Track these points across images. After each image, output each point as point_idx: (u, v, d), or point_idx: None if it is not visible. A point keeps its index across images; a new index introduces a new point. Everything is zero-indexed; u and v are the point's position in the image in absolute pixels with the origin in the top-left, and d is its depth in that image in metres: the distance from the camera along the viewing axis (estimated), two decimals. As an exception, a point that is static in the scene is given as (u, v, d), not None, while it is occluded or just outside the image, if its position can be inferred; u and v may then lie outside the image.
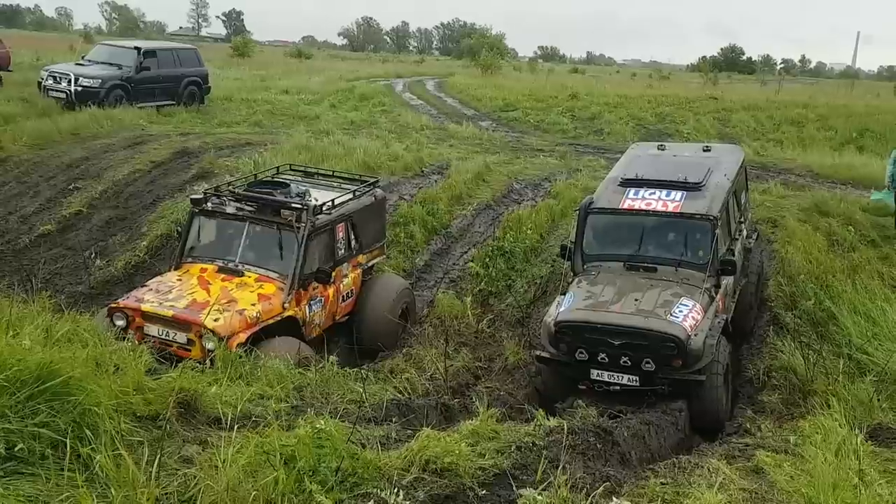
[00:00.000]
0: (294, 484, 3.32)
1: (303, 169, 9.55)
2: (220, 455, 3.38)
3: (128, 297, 7.12)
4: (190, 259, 7.66)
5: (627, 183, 7.91)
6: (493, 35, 58.66)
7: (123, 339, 5.75)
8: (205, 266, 7.47)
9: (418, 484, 3.64)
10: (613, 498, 3.85)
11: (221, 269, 7.38)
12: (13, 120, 16.38)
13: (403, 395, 6.24)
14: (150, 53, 19.41)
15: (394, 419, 4.93)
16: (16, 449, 3.10)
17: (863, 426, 5.19)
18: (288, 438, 3.62)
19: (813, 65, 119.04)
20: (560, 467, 3.89)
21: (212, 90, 21.65)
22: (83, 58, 20.28)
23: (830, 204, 11.56)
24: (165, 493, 3.23)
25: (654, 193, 7.67)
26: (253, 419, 4.28)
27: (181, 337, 6.67)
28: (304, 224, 7.33)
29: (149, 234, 10.76)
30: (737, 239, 8.27)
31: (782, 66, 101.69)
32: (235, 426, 3.80)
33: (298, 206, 7.47)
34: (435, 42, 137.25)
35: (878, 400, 6.18)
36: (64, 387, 3.41)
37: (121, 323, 6.79)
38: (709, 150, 8.92)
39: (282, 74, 33.66)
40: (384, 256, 9.25)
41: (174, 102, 19.59)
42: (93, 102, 17.37)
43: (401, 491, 3.45)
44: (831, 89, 45.39)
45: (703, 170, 7.94)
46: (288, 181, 8.40)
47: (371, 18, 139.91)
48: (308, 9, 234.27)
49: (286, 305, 7.18)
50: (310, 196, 7.85)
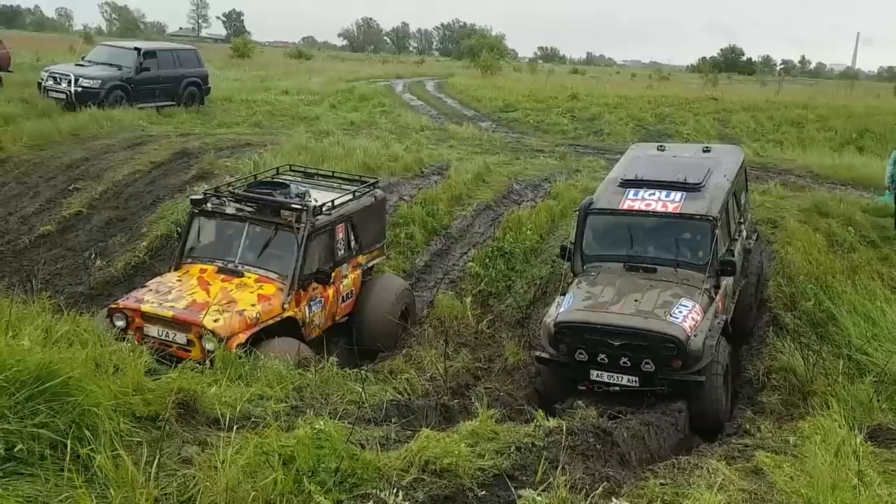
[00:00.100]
0: (293, 484, 3.32)
1: (302, 169, 9.56)
2: (219, 456, 3.38)
3: (127, 298, 7.12)
4: (190, 260, 7.66)
5: (627, 184, 7.91)
6: (493, 36, 58.64)
7: (123, 339, 5.76)
8: (204, 267, 7.47)
9: (418, 484, 3.64)
10: (613, 499, 3.86)
11: (221, 270, 7.38)
12: (13, 120, 16.39)
13: (403, 396, 6.24)
14: (150, 54, 19.41)
15: (393, 420, 4.93)
16: (15, 449, 3.09)
17: (862, 427, 5.18)
18: (287, 439, 3.62)
19: (813, 65, 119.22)
20: (559, 468, 3.89)
21: (212, 91, 21.65)
22: (83, 58, 20.29)
23: (830, 205, 11.57)
24: (164, 494, 3.23)
25: (654, 194, 7.67)
26: (252, 420, 4.28)
27: (181, 337, 6.67)
28: (303, 225, 7.33)
29: (149, 235, 10.76)
30: (736, 240, 8.27)
31: (782, 66, 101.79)
32: (235, 427, 3.80)
33: (298, 206, 7.48)
34: (435, 43, 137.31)
35: (878, 401, 6.19)
36: (63, 387, 3.41)
37: (120, 323, 6.79)
38: (708, 151, 8.92)
39: (282, 75, 33.67)
40: (384, 257, 9.25)
41: (174, 103, 19.59)
42: (93, 103, 17.37)
43: (400, 491, 3.45)
44: (831, 90, 45.44)
45: (702, 170, 7.95)
46: (288, 182, 8.39)
47: (371, 19, 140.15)
48: (308, 9, 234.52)
49: (286, 306, 7.18)
50: (309, 197, 7.85)
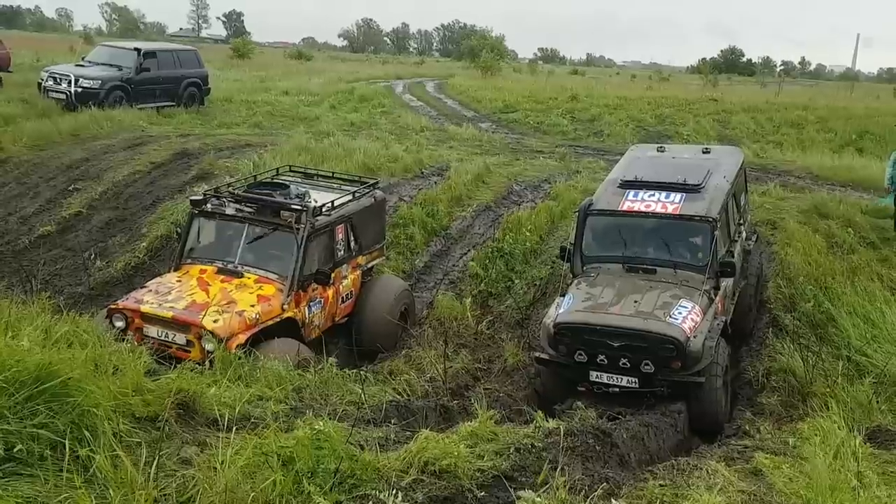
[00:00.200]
0: (292, 485, 3.32)
1: (302, 170, 9.56)
2: (218, 456, 3.38)
3: (127, 299, 7.12)
4: (189, 260, 7.66)
5: (627, 185, 7.91)
6: (493, 37, 58.67)
7: (123, 340, 5.75)
8: (204, 267, 7.47)
9: (417, 485, 3.64)
10: (612, 500, 3.86)
11: (221, 271, 7.38)
12: (13, 121, 16.39)
13: (402, 397, 6.24)
14: (150, 55, 19.42)
15: (393, 421, 4.93)
16: (15, 450, 3.09)
17: (861, 428, 5.20)
18: (286, 440, 3.62)
19: (813, 67, 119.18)
20: (559, 469, 3.89)
21: (212, 91, 21.65)
22: (83, 59, 20.30)
23: (830, 206, 11.57)
24: (164, 495, 3.23)
25: (654, 195, 7.68)
26: (252, 420, 4.28)
27: (180, 338, 6.67)
28: (303, 225, 7.33)
29: (148, 236, 10.76)
30: (736, 241, 8.27)
31: (782, 67, 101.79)
32: (234, 427, 3.79)
33: (298, 207, 7.48)
34: (435, 43, 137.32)
35: (877, 402, 6.20)
36: (63, 388, 3.41)
37: (120, 324, 6.78)
38: (708, 152, 8.93)
39: (282, 76, 33.69)
40: (384, 258, 9.25)
41: (174, 104, 19.59)
42: (93, 103, 17.37)
43: (399, 492, 3.45)
44: (831, 91, 45.49)
45: (702, 172, 7.95)
46: (287, 182, 8.39)
47: (371, 20, 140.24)
48: (308, 10, 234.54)
49: (285, 307, 7.18)
50: (309, 197, 7.85)
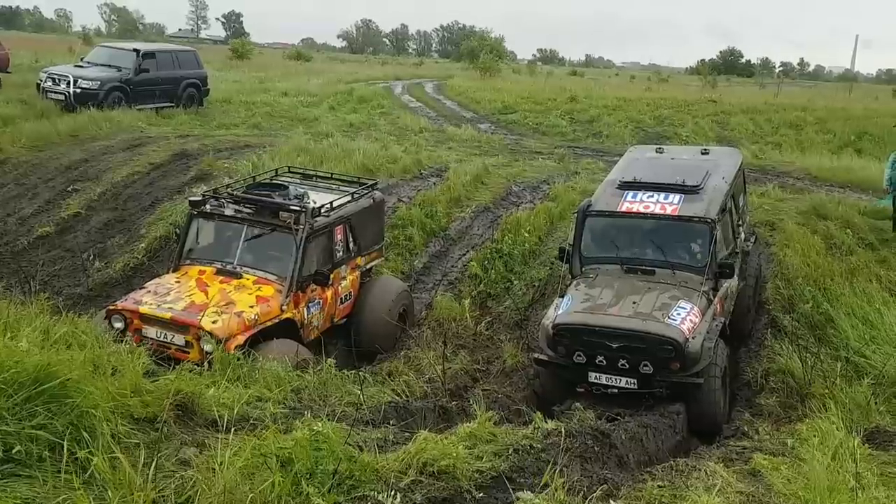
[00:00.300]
0: (291, 486, 3.32)
1: (301, 171, 9.57)
2: (217, 457, 3.38)
3: (126, 299, 7.11)
4: (188, 261, 7.66)
5: (626, 186, 7.92)
6: (492, 38, 58.70)
7: (121, 341, 5.74)
8: (203, 268, 7.46)
9: (415, 486, 3.64)
10: (611, 501, 3.86)
11: (220, 272, 7.38)
12: (12, 122, 16.36)
13: (401, 398, 6.24)
14: (149, 55, 19.39)
15: (391, 422, 4.93)
16: (13, 451, 3.09)
17: (860, 429, 5.21)
18: (285, 441, 3.62)
19: (811, 68, 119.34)
20: (557, 470, 3.89)
21: (211, 92, 21.61)
22: (82, 59, 20.28)
23: (828, 207, 11.58)
24: (162, 496, 3.22)
25: (652, 196, 7.68)
26: (250, 421, 4.28)
27: (179, 339, 6.66)
28: (302, 226, 7.33)
29: (147, 236, 10.75)
30: (735, 241, 8.28)
31: (781, 69, 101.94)
32: (233, 428, 3.80)
33: (297, 208, 7.48)
34: (434, 44, 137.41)
35: (876, 403, 6.19)
36: (61, 389, 3.41)
37: (119, 325, 6.78)
38: (707, 153, 8.94)
39: (281, 77, 33.68)
40: (382, 259, 9.25)
41: (173, 104, 19.57)
42: (92, 104, 17.35)
43: (398, 493, 3.45)
44: (830, 92, 45.52)
45: (701, 173, 7.96)
46: (286, 183, 8.39)
47: (370, 21, 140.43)
48: (307, 11, 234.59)
49: (284, 307, 7.18)
50: (308, 198, 7.85)
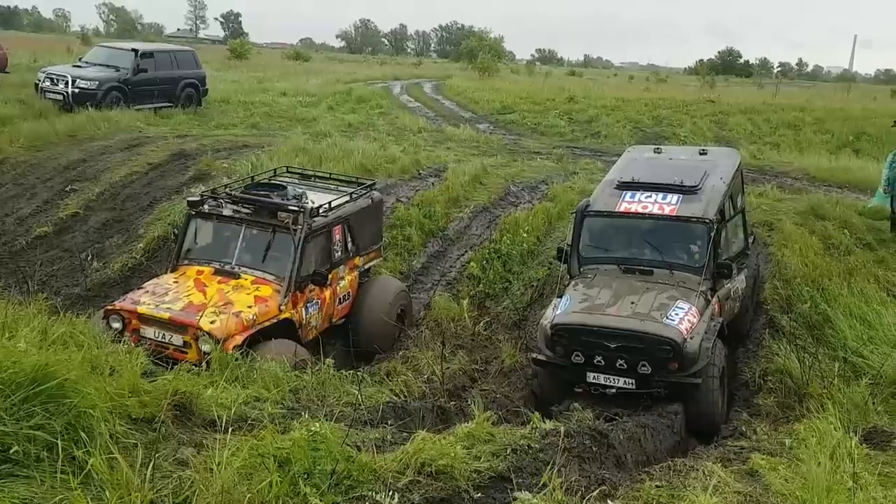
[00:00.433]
0: (289, 487, 3.32)
1: (300, 171, 9.57)
2: (214, 458, 3.37)
3: (124, 300, 7.11)
4: (186, 261, 7.66)
5: (624, 186, 7.92)
6: (491, 38, 58.75)
7: (119, 341, 5.74)
8: (201, 268, 7.46)
9: (413, 487, 3.64)
10: (608, 501, 3.87)
11: (218, 272, 7.38)
12: (10, 122, 16.34)
13: (399, 398, 6.24)
14: (148, 55, 19.37)
15: (389, 422, 4.93)
16: (10, 451, 3.09)
17: (858, 429, 5.21)
18: (283, 441, 3.62)
19: (810, 68, 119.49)
20: (555, 470, 3.89)
21: (209, 92, 21.58)
22: (80, 59, 20.26)
23: (826, 207, 11.58)
24: (160, 496, 3.22)
25: (651, 196, 7.69)
26: (248, 422, 4.28)
27: (177, 339, 6.66)
28: (300, 226, 7.33)
29: (145, 237, 10.74)
30: (733, 242, 8.28)
31: (779, 69, 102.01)
32: (231, 429, 3.80)
33: (295, 208, 7.48)
34: (433, 44, 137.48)
35: (873, 403, 6.19)
36: (59, 389, 3.41)
37: (117, 325, 6.77)
38: (705, 154, 8.93)
39: (279, 77, 33.66)
40: (381, 259, 9.25)
41: (171, 104, 19.54)
42: (90, 104, 17.33)
43: (396, 494, 3.45)
44: (828, 93, 45.56)
45: (699, 173, 7.96)
46: (285, 183, 8.39)
47: (369, 21, 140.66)
48: (306, 11, 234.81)
49: (282, 308, 7.18)
50: (306, 198, 7.85)
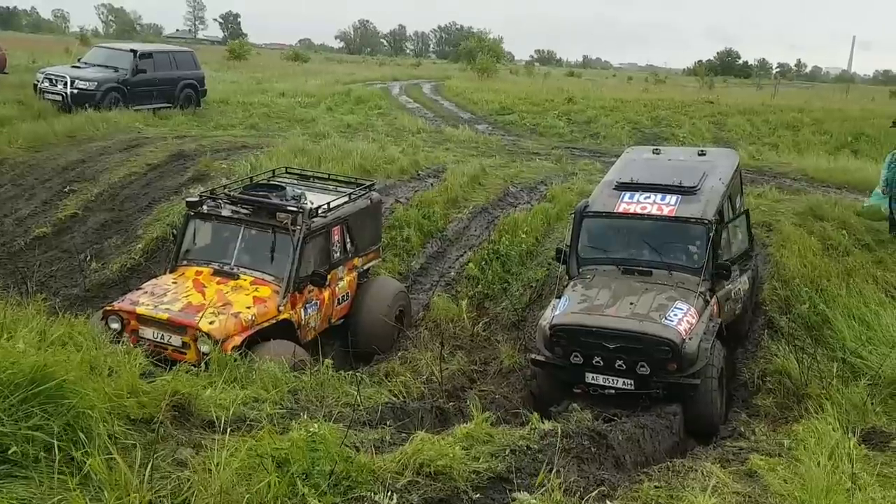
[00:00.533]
0: (287, 487, 3.32)
1: (299, 172, 9.56)
2: (213, 458, 3.37)
3: (123, 300, 7.11)
4: (185, 262, 7.65)
5: (623, 187, 7.93)
6: (490, 39, 58.78)
7: (118, 342, 5.73)
8: (200, 269, 7.46)
9: (412, 487, 3.64)
10: (607, 501, 3.87)
11: (217, 272, 7.38)
12: (9, 122, 16.33)
13: (398, 399, 6.24)
14: (147, 56, 19.36)
15: (388, 422, 4.93)
16: (9, 452, 3.09)
17: (856, 430, 5.21)
18: (281, 442, 3.62)
19: (809, 69, 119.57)
20: (554, 471, 3.90)
21: (208, 93, 21.59)
22: (79, 60, 20.24)
23: (825, 208, 11.59)
24: (158, 497, 3.22)
25: (650, 197, 7.69)
26: (247, 422, 4.28)
27: (176, 340, 6.66)
28: (299, 227, 7.33)
29: (144, 237, 10.74)
30: (735, 243, 8.27)
31: (778, 70, 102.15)
32: (229, 429, 3.80)
33: (294, 209, 7.48)
34: (432, 45, 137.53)
35: (872, 404, 6.20)
36: (58, 390, 3.40)
37: (116, 326, 6.77)
38: (704, 154, 8.95)
39: (278, 77, 33.66)
40: (380, 259, 9.25)
41: (170, 105, 19.55)
42: (89, 105, 17.33)
43: (394, 494, 3.45)
44: (827, 93, 45.52)
45: (698, 174, 7.97)
46: (284, 184, 8.39)
47: (368, 21, 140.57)
48: (305, 12, 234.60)
49: (281, 308, 7.17)
50: (305, 199, 7.85)
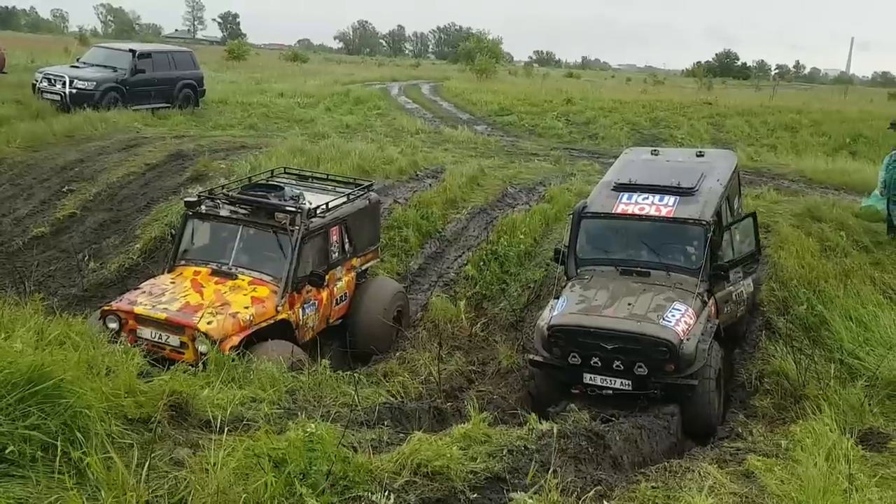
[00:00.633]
0: (284, 487, 3.32)
1: (297, 172, 9.56)
2: (210, 458, 3.38)
3: (121, 300, 7.10)
4: (183, 262, 7.65)
5: (621, 188, 7.94)
6: (489, 39, 58.79)
7: (116, 341, 5.73)
8: (198, 269, 7.45)
9: (409, 487, 3.64)
10: (604, 502, 3.87)
11: (215, 272, 7.37)
12: (7, 122, 16.30)
13: (396, 399, 6.25)
14: (145, 56, 19.34)
15: (386, 423, 4.93)
16: (6, 451, 3.09)
17: (854, 431, 5.22)
18: (279, 442, 3.62)
19: (807, 70, 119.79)
20: (551, 471, 3.90)
21: (207, 93, 21.57)
22: (78, 60, 20.24)
23: (823, 209, 11.59)
24: (156, 496, 3.22)
25: (648, 198, 7.70)
26: (245, 422, 4.28)
27: (174, 340, 6.66)
28: (297, 227, 7.33)
29: (142, 237, 10.73)
30: (740, 245, 8.26)
31: (777, 71, 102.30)
32: (227, 429, 3.79)
33: (292, 209, 7.48)
34: (431, 46, 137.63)
35: (869, 405, 6.21)
36: (55, 389, 3.40)
37: (114, 325, 6.77)
38: (702, 155, 8.96)
39: (277, 78, 33.66)
40: (378, 260, 9.25)
41: (169, 105, 19.53)
42: (87, 105, 17.31)
43: (392, 494, 3.45)
44: (825, 95, 45.61)
45: (696, 175, 7.98)
46: (282, 184, 8.38)
47: (367, 22, 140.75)
48: (304, 12, 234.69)
49: (279, 308, 7.17)
50: (304, 199, 7.85)
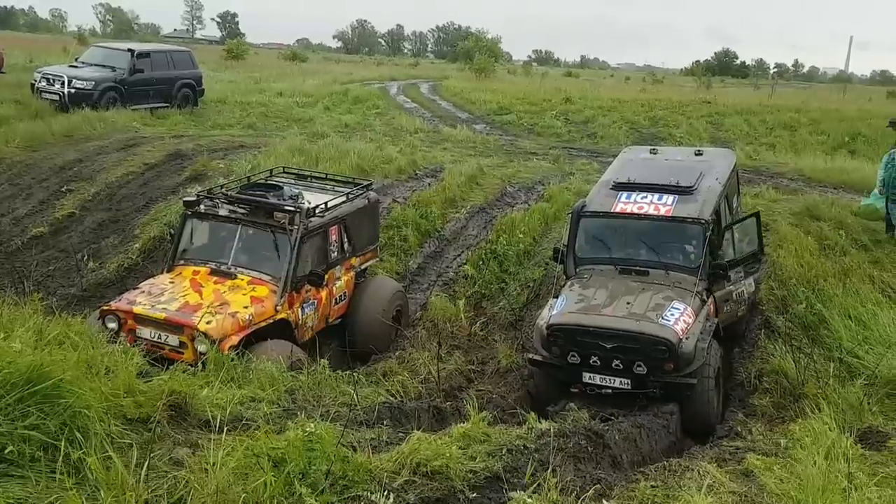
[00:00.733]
0: (284, 487, 3.32)
1: (296, 171, 9.55)
2: (209, 458, 3.38)
3: (120, 300, 7.10)
4: (182, 261, 7.64)
5: (620, 186, 7.94)
6: (488, 38, 58.79)
7: (115, 341, 5.73)
8: (197, 268, 7.45)
9: (409, 487, 3.64)
10: (603, 501, 3.87)
11: (214, 272, 7.37)
12: (6, 122, 16.30)
13: (395, 398, 6.25)
14: (144, 55, 19.33)
15: (385, 422, 4.93)
16: (6, 451, 3.09)
17: (853, 429, 5.23)
18: (278, 441, 3.62)
19: (806, 69, 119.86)
20: (550, 470, 3.90)
21: (205, 93, 21.55)
22: (77, 60, 20.22)
23: (822, 208, 11.60)
24: (155, 496, 3.22)
25: (646, 197, 7.71)
26: (244, 422, 4.28)
27: (173, 339, 6.65)
28: (296, 227, 7.33)
29: (141, 237, 10.73)
30: (741, 244, 8.26)
31: (776, 70, 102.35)
32: (226, 429, 3.80)
33: (291, 208, 7.47)
34: (430, 45, 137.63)
35: (868, 403, 6.22)
36: (55, 389, 3.40)
37: (113, 325, 6.76)
38: (701, 154, 8.97)
39: (276, 77, 33.66)
40: (377, 259, 9.25)
41: (168, 105, 19.51)
42: (86, 104, 17.30)
43: (391, 494, 3.45)
44: (824, 94, 45.64)
45: (694, 174, 7.98)
46: (281, 184, 8.38)
47: (366, 21, 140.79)
48: (303, 12, 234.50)
49: (279, 308, 7.17)
50: (303, 199, 7.85)
